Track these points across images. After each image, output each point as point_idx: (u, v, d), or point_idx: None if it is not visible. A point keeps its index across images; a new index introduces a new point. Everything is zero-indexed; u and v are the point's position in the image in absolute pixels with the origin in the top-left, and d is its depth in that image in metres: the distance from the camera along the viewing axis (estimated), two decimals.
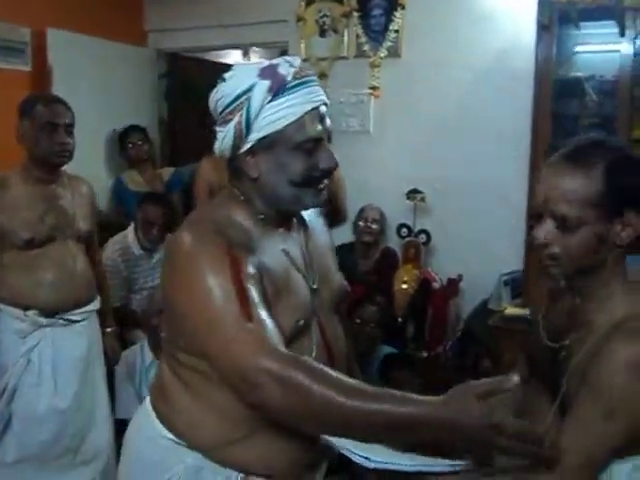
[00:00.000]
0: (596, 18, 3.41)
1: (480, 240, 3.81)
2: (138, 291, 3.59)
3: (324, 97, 1.33)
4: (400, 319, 3.72)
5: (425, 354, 3.72)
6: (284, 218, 1.40)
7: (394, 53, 4.10)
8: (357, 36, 4.17)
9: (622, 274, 1.37)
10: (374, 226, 3.86)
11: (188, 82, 4.88)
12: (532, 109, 3.52)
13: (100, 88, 4.24)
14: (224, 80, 1.32)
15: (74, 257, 2.54)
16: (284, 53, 4.70)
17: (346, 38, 4.20)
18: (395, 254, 3.91)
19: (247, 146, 1.30)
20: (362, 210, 3.90)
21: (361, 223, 3.87)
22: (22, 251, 2.42)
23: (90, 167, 3.86)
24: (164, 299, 1.36)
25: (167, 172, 4.45)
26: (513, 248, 3.66)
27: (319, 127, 1.32)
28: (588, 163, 1.27)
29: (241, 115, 1.27)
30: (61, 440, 2.51)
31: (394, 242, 4.00)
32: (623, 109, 3.38)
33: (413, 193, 3.88)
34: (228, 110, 1.30)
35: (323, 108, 1.34)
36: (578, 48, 3.68)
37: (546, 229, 1.31)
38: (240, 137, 1.29)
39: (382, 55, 4.11)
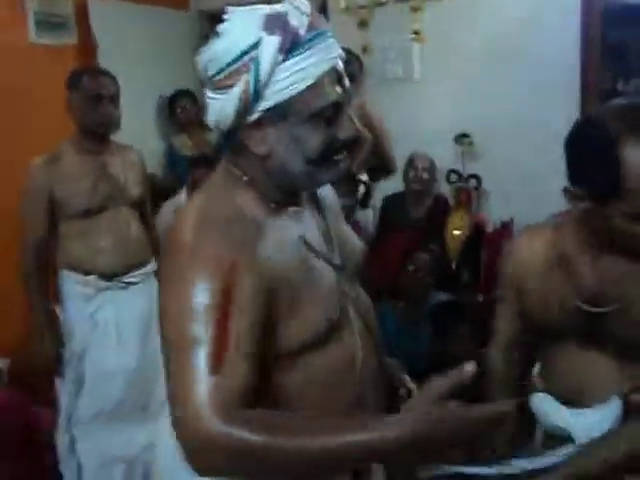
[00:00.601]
0: None
1: (530, 181, 3.74)
2: None
3: (340, 51, 1.11)
4: (454, 265, 3.73)
5: (481, 299, 3.72)
6: (294, 195, 1.21)
7: None
8: None
9: None
10: (425, 175, 3.82)
11: None
12: (580, 41, 3.40)
13: (145, 55, 4.29)
14: (217, 35, 1.08)
15: (128, 223, 2.65)
16: (324, 3, 4.64)
17: None
18: (446, 201, 3.89)
19: (254, 117, 1.07)
20: (411, 159, 3.84)
21: (411, 173, 3.82)
22: (78, 220, 2.53)
23: (141, 134, 3.95)
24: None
25: (215, 134, 4.49)
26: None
27: (339, 89, 1.10)
28: None
29: (246, 81, 1.04)
30: (131, 396, 2.65)
31: (444, 188, 3.97)
32: None
33: (461, 137, 3.83)
34: (225, 73, 1.06)
35: (340, 65, 1.11)
36: None
37: None
38: (246, 107, 1.06)
39: None
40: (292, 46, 1.04)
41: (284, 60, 1.04)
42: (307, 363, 1.14)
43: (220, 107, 1.08)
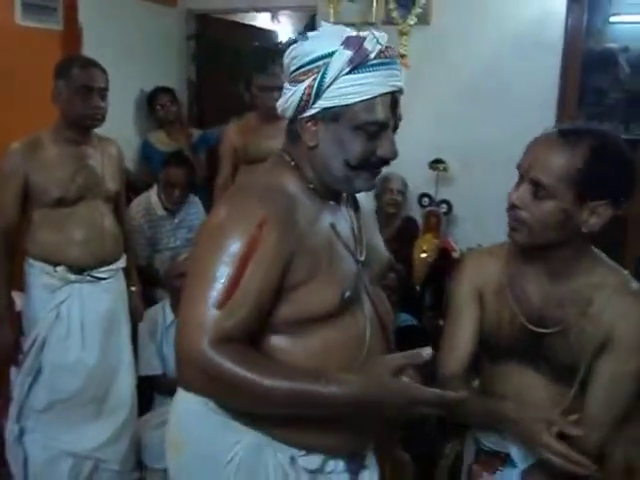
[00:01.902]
0: None
1: (500, 211, 3.77)
2: (161, 251, 3.67)
3: (401, 83, 1.27)
4: (418, 288, 3.77)
5: (442, 323, 3.76)
6: (334, 191, 1.36)
7: (423, 20, 4.05)
8: (386, 2, 4.13)
9: (589, 256, 1.43)
10: (399, 198, 3.87)
11: (217, 44, 4.89)
12: (560, 80, 3.50)
13: (130, 48, 4.26)
14: (306, 38, 1.26)
15: (102, 216, 2.61)
16: (313, 17, 4.68)
17: (375, 4, 4.16)
18: (416, 223, 3.95)
19: (311, 112, 1.26)
20: (386, 179, 3.88)
21: (386, 195, 3.86)
22: (52, 209, 2.49)
23: (119, 127, 3.88)
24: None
25: (194, 133, 4.50)
26: None
27: (388, 113, 1.26)
28: (577, 142, 1.33)
29: (314, 79, 1.22)
30: (88, 389, 2.61)
31: (415, 211, 4.03)
32: None
33: (436, 163, 3.89)
34: (302, 70, 1.25)
35: (398, 95, 1.27)
36: (610, 19, 3.63)
37: (521, 193, 1.39)
38: (307, 101, 1.24)
39: (411, 22, 4.07)
40: (360, 64, 1.21)
41: (349, 72, 1.21)
42: (315, 333, 1.26)
43: (288, 97, 1.27)
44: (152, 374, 2.98)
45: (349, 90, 1.22)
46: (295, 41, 1.29)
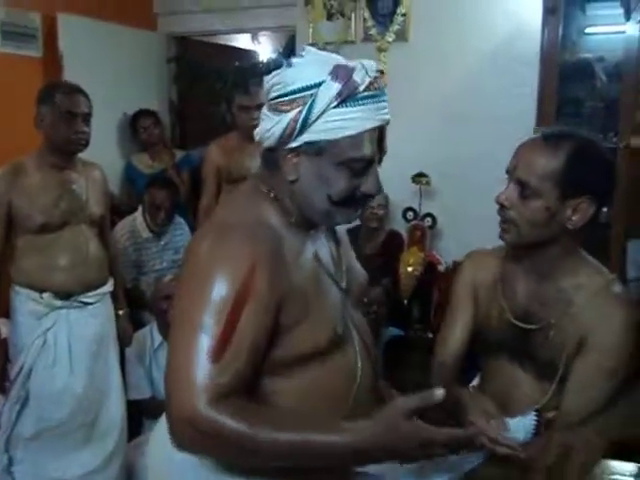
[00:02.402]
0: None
1: (485, 223, 3.80)
2: (147, 273, 3.67)
3: (388, 116, 1.21)
4: (406, 301, 3.78)
5: (430, 335, 3.78)
6: (314, 221, 1.30)
7: (401, 37, 4.10)
8: (364, 20, 4.18)
9: (576, 257, 1.51)
10: (380, 212, 3.89)
11: (198, 66, 4.91)
12: (537, 92, 3.54)
13: (111, 73, 4.27)
14: (290, 65, 1.19)
15: (87, 241, 2.61)
16: (292, 38, 4.72)
17: (353, 22, 4.21)
18: (400, 237, 3.96)
19: (293, 145, 1.19)
20: None
21: (368, 210, 3.88)
22: (36, 235, 2.49)
23: (102, 151, 3.86)
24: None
25: (177, 155, 4.51)
26: None
27: (375, 148, 1.21)
28: (559, 144, 1.42)
29: (300, 111, 1.15)
30: (76, 416, 2.59)
31: (400, 225, 4.04)
32: (628, 93, 3.38)
33: (419, 177, 3.91)
34: (285, 99, 1.17)
35: (385, 127, 1.23)
36: (585, 30, 3.69)
37: (509, 193, 1.47)
38: (291, 134, 1.17)
39: (389, 39, 4.12)
40: (348, 97, 1.15)
41: (337, 106, 1.15)
42: (308, 373, 1.22)
43: (269, 126, 1.19)
44: (141, 398, 2.96)
45: (336, 125, 1.16)
46: (277, 65, 1.22)
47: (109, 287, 2.72)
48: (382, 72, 4.17)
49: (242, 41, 5.88)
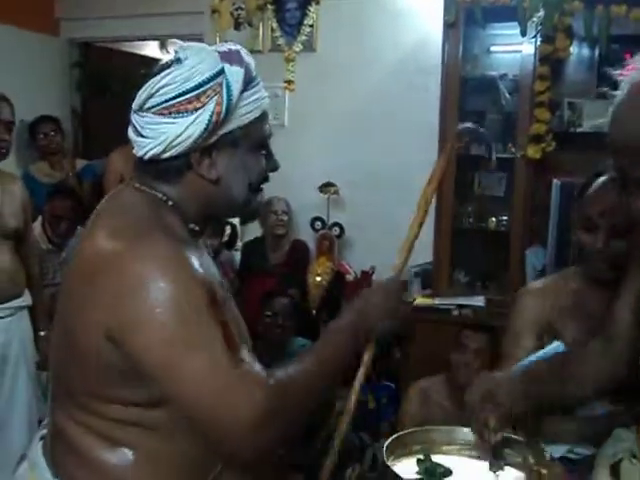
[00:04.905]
0: (501, 19, 3.54)
1: (391, 232, 3.86)
2: (47, 287, 3.50)
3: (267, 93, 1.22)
4: (314, 311, 3.77)
5: None
6: (206, 225, 1.26)
7: (309, 47, 4.14)
8: (272, 30, 4.20)
9: None
10: (284, 218, 3.89)
11: (102, 73, 4.79)
12: (440, 103, 3.63)
13: (8, 77, 4.09)
14: (179, 62, 1.11)
15: (1, 254, 2.50)
16: None
17: (261, 32, 4.21)
18: (305, 246, 3.96)
19: (211, 140, 1.13)
20: (268, 203, 3.81)
21: (272, 217, 3.86)
22: None
23: None
24: (72, 332, 1.10)
25: (78, 164, 4.36)
26: (423, 240, 3.73)
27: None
28: None
29: (217, 102, 1.10)
30: None
31: (308, 235, 4.05)
32: (524, 107, 3.52)
33: (326, 186, 3.93)
34: (190, 96, 1.10)
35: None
36: (485, 48, 3.82)
37: (604, 239, 1.51)
38: (215, 128, 1.11)
39: (297, 49, 4.15)
40: (250, 80, 1.16)
41: (244, 90, 1.14)
42: None
43: (180, 130, 1.10)
44: None
45: (249, 108, 1.15)
46: (167, 66, 1.13)
47: (21, 302, 2.61)
48: (290, 82, 4.21)
49: (149, 49, 5.77)
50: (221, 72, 1.11)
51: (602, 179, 1.56)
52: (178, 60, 1.12)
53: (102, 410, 1.09)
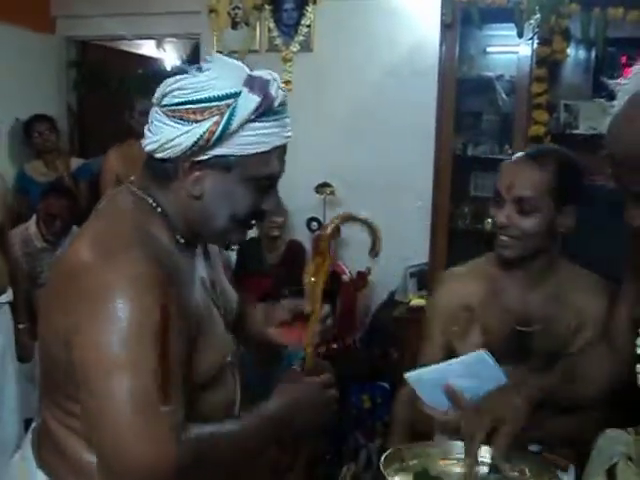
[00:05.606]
0: (498, 20, 3.55)
1: (388, 233, 3.83)
2: (42, 285, 3.51)
3: (291, 133, 1.15)
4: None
5: (335, 346, 3.78)
6: (197, 238, 1.23)
7: (306, 48, 4.14)
8: (269, 30, 4.19)
9: (559, 256, 1.64)
10: (279, 219, 3.88)
11: (98, 71, 4.78)
12: (436, 104, 3.64)
13: (4, 76, 4.10)
14: (200, 71, 1.10)
15: None
16: (197, 46, 4.66)
17: (258, 31, 4.21)
18: (302, 247, 3.95)
19: (203, 157, 1.10)
20: None
21: (267, 219, 3.86)
22: None
23: None
24: (51, 333, 1.09)
25: (74, 163, 4.35)
26: (419, 241, 3.76)
27: (282, 164, 1.17)
28: (545, 159, 1.55)
29: (217, 122, 1.06)
30: None
31: (304, 236, 4.04)
32: (521, 108, 3.53)
33: (323, 187, 3.93)
34: (194, 107, 1.08)
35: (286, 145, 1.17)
36: (481, 49, 3.82)
37: (508, 212, 1.55)
38: (204, 146, 1.08)
39: (294, 49, 4.15)
40: (265, 112, 1.10)
41: (254, 120, 1.09)
42: (198, 401, 1.15)
43: (173, 135, 1.08)
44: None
45: (250, 140, 1.09)
46: (181, 71, 1.12)
47: (6, 297, 2.61)
48: (287, 82, 4.20)
49: (146, 48, 5.77)
50: (235, 95, 1.07)
51: (519, 154, 1.63)
52: (199, 68, 1.11)
53: (76, 411, 1.07)
